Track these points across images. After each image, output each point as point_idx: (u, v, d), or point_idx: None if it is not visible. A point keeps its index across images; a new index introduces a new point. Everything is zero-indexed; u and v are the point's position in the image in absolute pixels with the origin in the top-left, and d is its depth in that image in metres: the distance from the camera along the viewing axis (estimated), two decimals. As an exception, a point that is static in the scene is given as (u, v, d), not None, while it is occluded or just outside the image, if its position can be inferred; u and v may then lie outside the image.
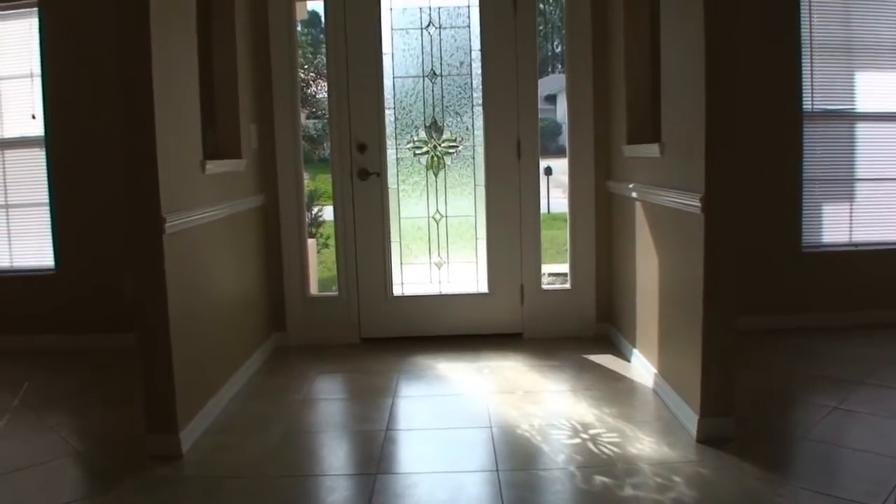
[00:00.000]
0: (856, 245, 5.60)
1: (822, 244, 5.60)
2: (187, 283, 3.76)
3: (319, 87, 16.27)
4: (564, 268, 5.75)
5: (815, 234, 5.58)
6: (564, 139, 5.49)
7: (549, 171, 14.18)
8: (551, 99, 24.69)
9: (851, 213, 5.64)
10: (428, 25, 5.33)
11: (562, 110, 20.50)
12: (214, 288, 4.24)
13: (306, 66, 16.11)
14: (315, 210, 9.50)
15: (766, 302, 5.38)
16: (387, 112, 5.34)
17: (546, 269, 6.39)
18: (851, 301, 5.47)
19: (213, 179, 4.23)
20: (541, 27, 24.54)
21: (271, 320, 5.39)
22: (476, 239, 5.47)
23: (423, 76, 5.36)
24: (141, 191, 3.46)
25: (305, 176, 5.85)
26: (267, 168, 5.29)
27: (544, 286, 5.55)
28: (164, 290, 3.48)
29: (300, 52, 5.46)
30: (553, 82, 24.04)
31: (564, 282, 5.71)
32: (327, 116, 5.53)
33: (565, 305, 5.45)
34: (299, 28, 5.54)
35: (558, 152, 5.35)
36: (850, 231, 5.63)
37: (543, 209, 11.46)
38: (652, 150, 4.22)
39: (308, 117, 16.61)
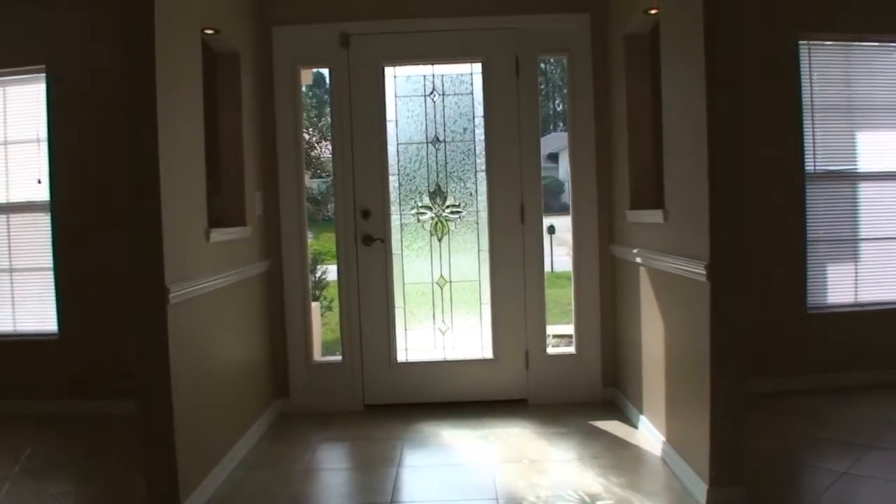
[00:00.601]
0: (861, 305, 5.57)
1: (828, 305, 5.58)
2: (190, 352, 3.74)
3: (323, 149, 16.41)
4: (569, 329, 5.73)
5: (820, 295, 5.57)
6: (567, 197, 5.51)
7: (552, 229, 14.23)
8: (553, 157, 24.90)
9: (856, 273, 5.63)
10: (431, 93, 5.39)
11: (564, 168, 20.66)
12: (217, 355, 4.22)
13: (311, 129, 16.26)
14: (319, 273, 9.49)
15: (773, 363, 5.34)
16: (391, 178, 5.38)
17: (550, 330, 6.36)
18: (858, 361, 5.43)
19: (218, 248, 4.25)
20: (542, 86, 24.83)
21: (274, 387, 5.35)
22: (480, 304, 5.45)
23: (427, 142, 5.41)
24: (145, 262, 3.46)
25: (310, 235, 5.87)
26: (271, 234, 5.31)
27: (549, 351, 5.51)
28: (167, 360, 3.47)
29: (304, 114, 5.52)
30: (555, 140, 24.28)
31: (569, 344, 5.69)
32: (331, 178, 5.55)
33: (570, 370, 5.41)
34: (304, 88, 5.61)
35: (561, 210, 5.35)
36: (856, 291, 5.61)
37: (547, 268, 11.49)
38: (655, 215, 4.22)
39: (312, 177, 16.73)
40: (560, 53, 5.43)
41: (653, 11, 4.34)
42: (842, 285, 5.62)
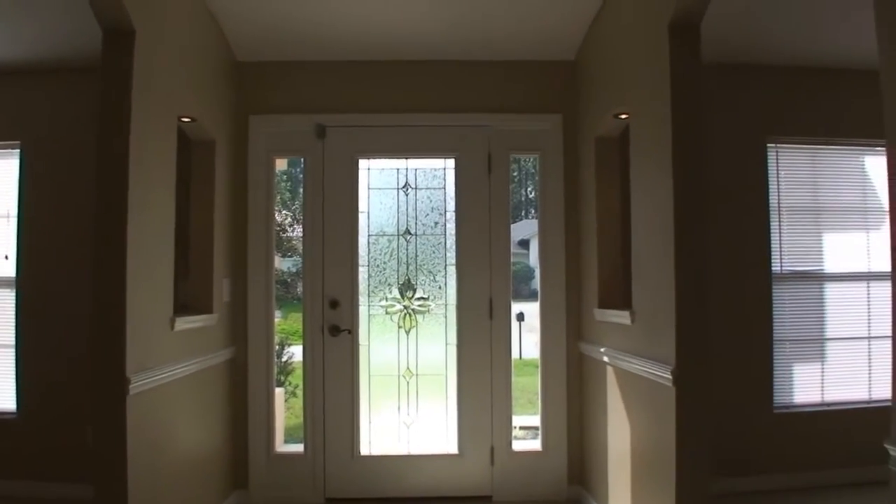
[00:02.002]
0: (828, 405, 5.59)
1: (794, 405, 5.59)
2: (148, 441, 3.67)
3: (296, 231, 16.39)
4: (536, 420, 5.67)
5: (786, 395, 5.59)
6: (537, 283, 5.52)
7: (521, 317, 14.24)
8: (525, 243, 25.00)
9: (823, 372, 5.66)
10: (404, 186, 5.43)
11: (535, 254, 20.78)
12: (176, 445, 4.14)
13: (284, 211, 16.27)
14: (286, 357, 9.37)
15: (740, 463, 5.32)
16: (361, 269, 5.37)
17: (517, 421, 6.28)
18: (825, 461, 5.43)
19: (182, 336, 4.20)
20: (515, 173, 25.12)
21: (234, 477, 5.21)
22: (447, 397, 5.39)
23: (398, 235, 5.42)
24: (106, 351, 3.42)
25: (279, 316, 5.81)
26: (237, 320, 5.26)
27: (514, 447, 5.43)
28: (124, 449, 3.41)
29: (278, 196, 5.56)
30: (526, 227, 24.40)
31: (535, 436, 5.62)
32: (302, 263, 5.53)
33: (536, 467, 5.34)
34: (279, 170, 5.63)
35: (531, 296, 5.34)
36: (822, 390, 5.63)
37: (515, 355, 11.40)
38: (623, 316, 4.24)
39: (283, 257, 16.67)
40: (532, 152, 5.52)
41: (623, 116, 4.43)
42: (808, 385, 5.64)
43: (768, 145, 5.61)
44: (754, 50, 5.34)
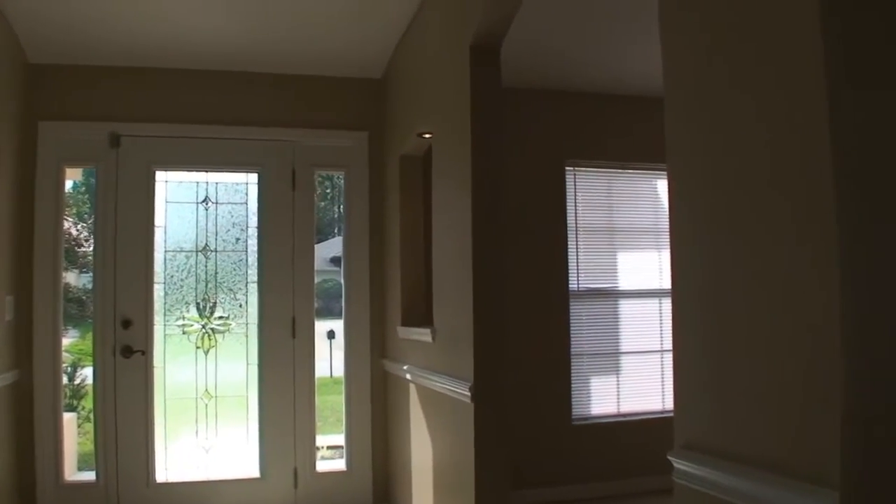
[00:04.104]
0: (624, 415, 5.83)
1: (591, 416, 5.80)
2: None
3: (93, 246, 15.51)
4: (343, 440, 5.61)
5: (584, 407, 5.79)
6: (351, 301, 5.48)
7: (332, 334, 14.08)
8: (337, 261, 24.87)
9: (618, 384, 5.91)
10: (204, 200, 5.25)
11: (349, 270, 20.63)
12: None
13: (81, 225, 15.39)
14: (78, 380, 8.81)
15: (540, 474, 5.46)
16: (156, 286, 5.13)
17: (325, 441, 6.20)
18: (621, 470, 5.64)
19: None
20: (329, 190, 24.98)
21: (18, 510, 4.85)
22: (248, 420, 5.23)
23: (197, 251, 5.23)
24: None
25: (76, 335, 5.48)
26: (21, 341, 4.88)
27: (319, 468, 5.34)
28: None
29: (75, 209, 5.23)
30: (339, 244, 24.32)
31: (343, 455, 5.55)
32: (93, 278, 5.21)
33: (341, 487, 5.27)
34: (76, 181, 5.30)
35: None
36: (618, 402, 5.86)
37: (326, 373, 11.28)
38: (424, 334, 4.26)
39: (81, 273, 15.78)
40: (338, 169, 5.51)
41: (427, 135, 4.47)
42: (605, 397, 5.87)
43: (567, 168, 5.81)
44: (554, 76, 5.53)
